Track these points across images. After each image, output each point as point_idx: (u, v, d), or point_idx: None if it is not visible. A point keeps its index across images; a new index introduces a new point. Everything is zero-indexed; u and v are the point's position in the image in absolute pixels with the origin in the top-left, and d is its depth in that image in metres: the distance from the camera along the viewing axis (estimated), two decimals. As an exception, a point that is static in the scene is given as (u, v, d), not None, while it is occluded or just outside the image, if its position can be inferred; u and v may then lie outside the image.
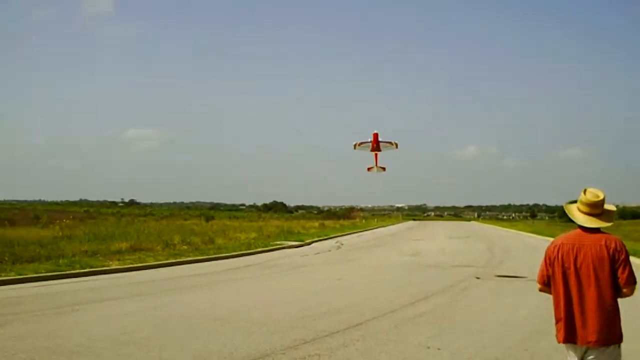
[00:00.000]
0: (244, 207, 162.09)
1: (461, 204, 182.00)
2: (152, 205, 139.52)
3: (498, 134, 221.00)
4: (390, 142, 24.95)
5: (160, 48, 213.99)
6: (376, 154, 25.03)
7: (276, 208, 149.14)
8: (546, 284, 3.81)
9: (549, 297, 3.83)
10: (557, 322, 3.70)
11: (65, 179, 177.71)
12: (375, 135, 24.74)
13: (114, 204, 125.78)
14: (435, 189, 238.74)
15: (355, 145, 24.75)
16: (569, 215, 3.80)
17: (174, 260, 17.32)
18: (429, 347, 6.85)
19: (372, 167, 25.61)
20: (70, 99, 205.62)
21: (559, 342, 3.74)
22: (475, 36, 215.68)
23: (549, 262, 3.75)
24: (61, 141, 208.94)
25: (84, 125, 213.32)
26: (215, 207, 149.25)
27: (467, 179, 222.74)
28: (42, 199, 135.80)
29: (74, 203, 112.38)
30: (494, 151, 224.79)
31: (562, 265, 3.65)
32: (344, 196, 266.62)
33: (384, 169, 26.13)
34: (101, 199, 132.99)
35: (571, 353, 3.69)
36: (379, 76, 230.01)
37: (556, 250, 3.72)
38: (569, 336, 3.63)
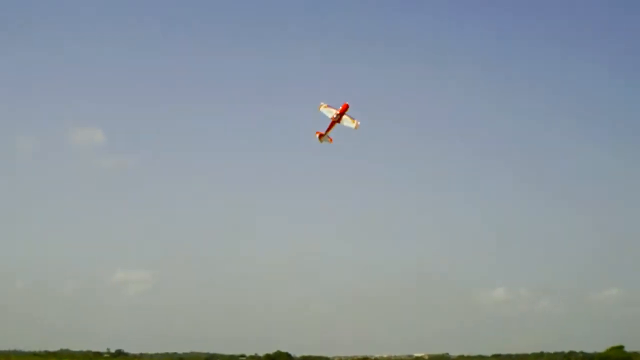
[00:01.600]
0: (244, 358, 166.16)
1: (488, 352, 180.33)
2: (141, 356, 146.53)
3: (529, 275, 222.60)
4: (353, 119, 26.26)
5: (150, 178, 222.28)
6: (333, 122, 26.27)
7: (280, 359, 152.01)
8: None
9: None
10: None
11: (45, 326, 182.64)
12: (345, 107, 26.58)
13: (98, 354, 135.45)
14: (458, 335, 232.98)
15: (321, 106, 25.79)
16: None
17: None
18: None
19: (321, 133, 26.56)
20: (54, 238, 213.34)
21: None
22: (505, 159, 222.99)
23: None
24: (40, 285, 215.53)
25: (66, 267, 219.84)
26: (211, 358, 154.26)
27: (494, 324, 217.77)
28: (18, 348, 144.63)
29: (53, 354, 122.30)
30: (525, 293, 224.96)
31: None
32: (356, 343, 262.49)
33: (330, 140, 29.51)
34: (85, 348, 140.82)
35: None
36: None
37: None
38: None
